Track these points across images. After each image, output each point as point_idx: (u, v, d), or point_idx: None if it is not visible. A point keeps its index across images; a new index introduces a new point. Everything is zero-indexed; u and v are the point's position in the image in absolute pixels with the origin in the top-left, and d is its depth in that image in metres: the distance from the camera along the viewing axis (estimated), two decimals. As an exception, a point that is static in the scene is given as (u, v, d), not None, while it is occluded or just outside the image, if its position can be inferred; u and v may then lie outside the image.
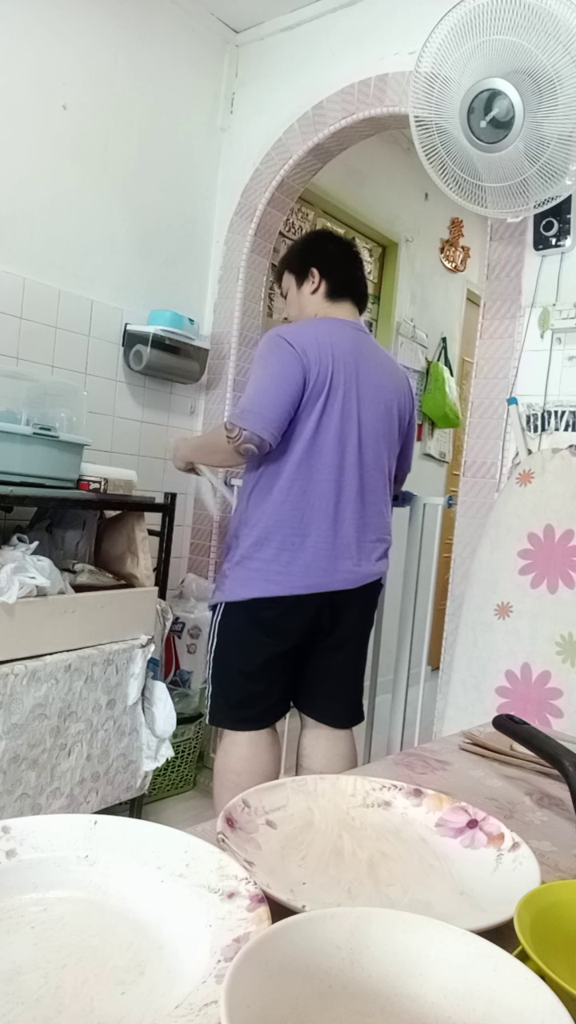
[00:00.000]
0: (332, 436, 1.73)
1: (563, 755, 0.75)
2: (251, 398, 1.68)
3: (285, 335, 1.71)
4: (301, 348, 1.69)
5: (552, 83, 1.69)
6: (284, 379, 1.67)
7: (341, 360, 1.73)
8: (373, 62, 2.37)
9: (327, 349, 1.71)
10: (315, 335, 1.73)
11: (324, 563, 1.73)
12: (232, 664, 1.81)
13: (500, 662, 1.92)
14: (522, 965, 0.39)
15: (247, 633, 1.79)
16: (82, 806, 1.90)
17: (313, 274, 1.85)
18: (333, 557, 1.74)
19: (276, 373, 1.68)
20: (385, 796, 0.70)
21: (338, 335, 1.76)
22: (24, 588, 1.70)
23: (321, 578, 1.74)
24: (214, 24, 2.71)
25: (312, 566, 1.73)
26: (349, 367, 1.74)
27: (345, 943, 0.42)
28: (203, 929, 0.48)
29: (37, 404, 2.01)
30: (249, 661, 1.80)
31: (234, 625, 1.80)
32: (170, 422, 2.76)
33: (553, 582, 1.87)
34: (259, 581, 1.73)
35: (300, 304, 1.88)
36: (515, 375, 2.10)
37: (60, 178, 2.30)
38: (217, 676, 1.84)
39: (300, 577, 1.72)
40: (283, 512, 1.72)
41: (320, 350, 1.70)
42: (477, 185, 1.86)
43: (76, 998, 0.42)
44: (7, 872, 0.52)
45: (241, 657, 1.80)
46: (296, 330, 1.74)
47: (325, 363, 1.70)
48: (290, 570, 1.72)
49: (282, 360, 1.68)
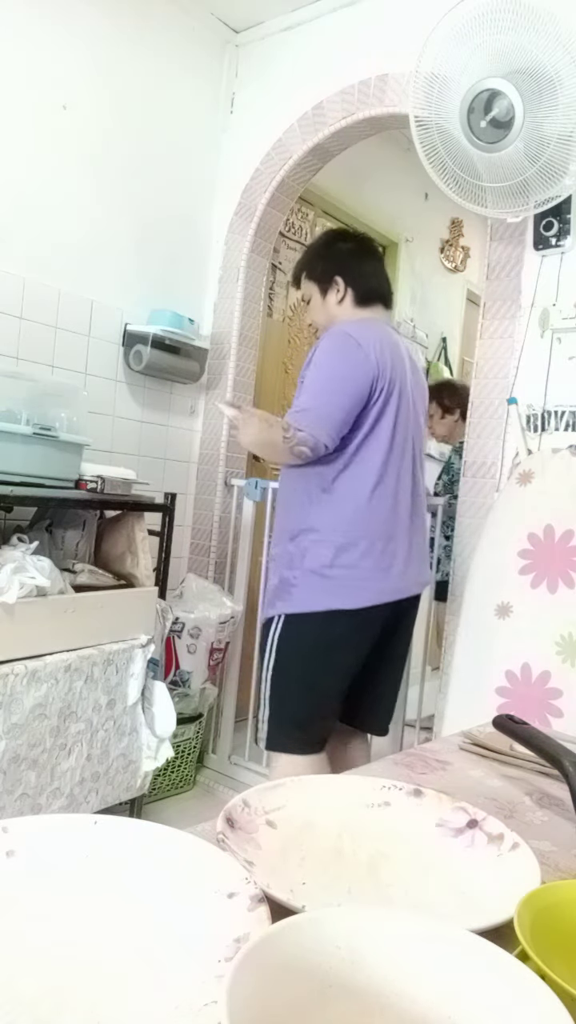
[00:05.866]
0: (400, 438, 1.66)
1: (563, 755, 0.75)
2: (312, 396, 1.58)
3: (353, 333, 1.62)
4: (368, 348, 1.60)
5: (552, 83, 1.69)
6: (350, 380, 1.58)
7: (399, 363, 1.68)
8: (373, 62, 2.37)
9: (388, 350, 1.65)
10: (378, 335, 1.65)
11: (404, 568, 1.66)
12: (300, 682, 1.65)
13: (500, 662, 1.92)
14: (522, 965, 0.39)
15: (321, 646, 1.64)
16: (82, 806, 1.90)
17: (337, 283, 1.75)
18: (409, 562, 1.68)
19: (342, 374, 1.59)
20: (385, 796, 0.70)
21: (388, 338, 1.69)
22: (24, 588, 1.70)
23: (401, 583, 1.66)
24: (214, 24, 2.71)
25: (397, 572, 1.64)
26: (403, 370, 1.69)
27: (345, 943, 0.42)
28: (203, 929, 0.48)
29: (37, 404, 2.01)
30: (321, 677, 1.65)
31: (303, 639, 1.64)
32: (170, 422, 2.76)
33: (553, 582, 1.87)
34: (341, 590, 1.60)
35: (328, 313, 1.78)
36: (515, 375, 2.10)
37: (60, 178, 2.30)
38: (279, 696, 1.67)
39: (387, 584, 1.63)
40: (367, 516, 1.62)
41: (382, 352, 1.63)
42: (477, 185, 1.86)
43: (76, 998, 0.42)
44: (7, 872, 0.52)
45: (312, 674, 1.64)
46: (362, 329, 1.64)
47: (388, 365, 1.63)
48: (377, 576, 1.62)
49: (348, 360, 1.59)
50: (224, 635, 2.54)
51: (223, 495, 2.77)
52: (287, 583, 1.66)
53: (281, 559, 1.69)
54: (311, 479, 1.66)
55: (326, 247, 1.82)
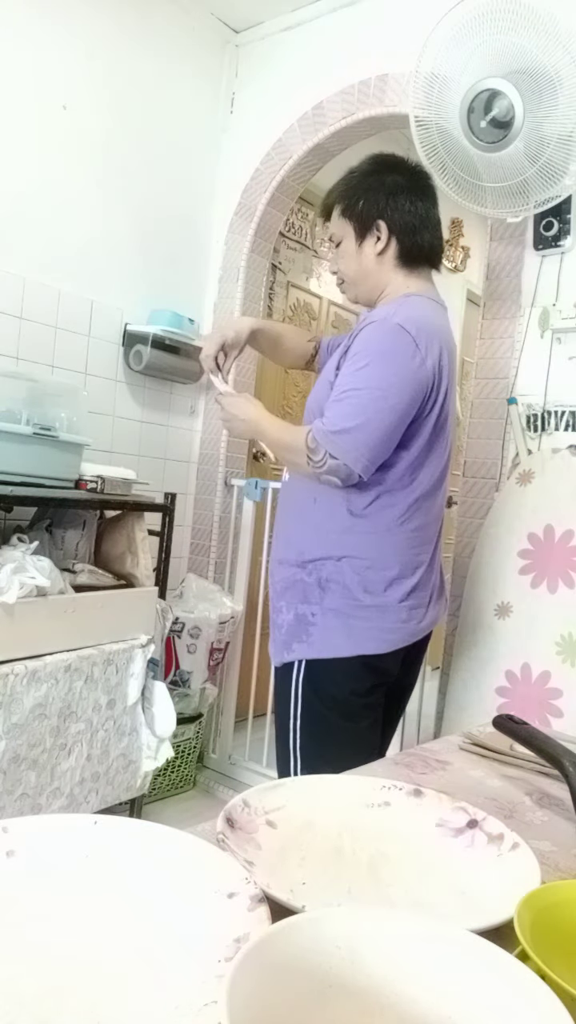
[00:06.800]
0: (446, 457, 1.43)
1: (563, 755, 0.76)
2: (354, 413, 1.27)
3: (411, 330, 1.29)
4: (426, 351, 1.30)
5: (552, 83, 1.69)
6: (403, 393, 1.28)
7: (452, 362, 1.40)
8: (373, 62, 2.37)
9: (446, 352, 1.36)
10: (437, 331, 1.35)
11: (435, 601, 1.46)
12: (334, 732, 1.40)
13: (500, 662, 1.92)
14: (522, 965, 0.39)
15: (358, 692, 1.40)
16: (82, 806, 1.90)
17: (379, 229, 1.39)
18: (439, 593, 1.49)
19: (393, 385, 1.27)
20: (385, 796, 0.70)
21: (446, 331, 1.39)
22: (24, 588, 1.70)
23: (430, 618, 1.44)
24: (214, 24, 2.71)
25: (428, 608, 1.43)
26: (453, 369, 1.41)
27: (345, 943, 0.42)
28: (203, 929, 0.48)
29: (37, 404, 2.01)
30: (356, 724, 1.41)
31: (336, 686, 1.38)
32: (170, 422, 2.76)
33: (553, 582, 1.87)
34: (370, 632, 1.36)
35: (362, 266, 1.43)
36: (515, 375, 2.10)
37: (60, 178, 2.30)
38: (316, 753, 1.40)
39: (420, 625, 1.42)
40: (404, 548, 1.38)
41: (441, 355, 1.34)
42: (477, 185, 1.86)
43: (76, 998, 0.42)
44: (7, 872, 0.52)
45: (346, 721, 1.40)
46: (420, 323, 1.31)
47: (446, 370, 1.36)
48: (411, 616, 1.39)
49: (403, 367, 1.28)
50: (224, 635, 2.54)
51: (223, 495, 2.77)
52: (304, 621, 1.39)
53: (294, 590, 1.41)
54: (336, 497, 1.37)
55: (372, 176, 1.42)
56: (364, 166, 1.45)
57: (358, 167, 1.45)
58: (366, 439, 1.27)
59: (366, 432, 1.27)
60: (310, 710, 1.40)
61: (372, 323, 1.32)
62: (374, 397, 1.27)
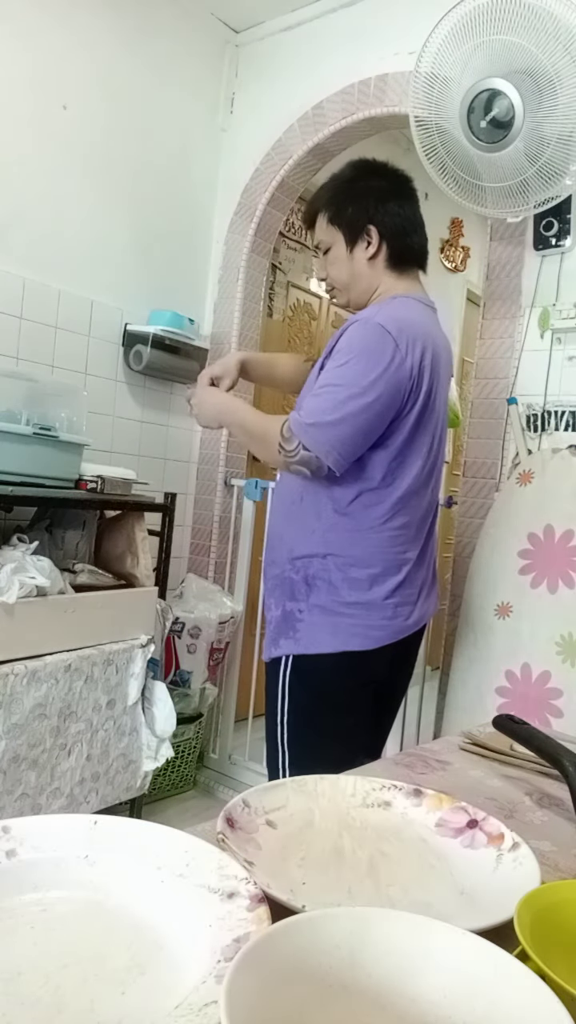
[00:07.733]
0: (431, 456, 1.43)
1: (563, 755, 0.76)
2: (330, 408, 1.29)
3: (391, 329, 1.30)
4: (407, 351, 1.31)
5: (552, 83, 1.69)
6: (379, 391, 1.29)
7: (438, 365, 1.39)
8: (373, 62, 2.37)
9: (429, 352, 1.35)
10: (420, 332, 1.35)
11: (425, 598, 1.46)
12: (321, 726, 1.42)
13: (500, 662, 1.92)
14: (522, 965, 0.39)
15: (343, 688, 1.41)
16: (82, 806, 1.90)
17: (370, 234, 1.40)
18: (429, 590, 1.48)
19: (371, 383, 1.28)
20: (385, 796, 0.70)
21: (430, 333, 1.39)
22: (24, 588, 1.70)
23: (418, 615, 1.44)
24: (214, 24, 2.71)
25: (416, 605, 1.43)
26: (440, 372, 1.41)
27: (345, 943, 0.42)
28: (203, 929, 0.48)
29: (37, 404, 2.01)
30: (343, 718, 1.42)
31: (321, 683, 1.40)
32: (170, 422, 2.76)
33: (553, 582, 1.87)
34: (355, 629, 1.37)
35: (354, 272, 1.43)
36: (515, 375, 2.10)
37: (60, 178, 2.30)
38: (303, 748, 1.43)
39: (407, 622, 1.42)
40: (388, 546, 1.38)
41: (423, 355, 1.34)
42: (477, 185, 1.86)
43: (76, 998, 0.42)
44: (7, 872, 0.52)
45: (332, 715, 1.41)
46: (401, 323, 1.32)
47: (428, 371, 1.35)
48: (397, 613, 1.40)
49: (381, 365, 1.29)
50: (224, 635, 2.54)
51: (223, 495, 2.78)
52: (291, 618, 1.41)
53: (282, 587, 1.44)
54: (320, 495, 1.38)
55: (357, 181, 1.43)
56: (346, 172, 1.46)
57: (340, 174, 1.47)
58: (339, 434, 1.29)
59: (340, 428, 1.29)
60: (297, 704, 1.42)
61: (356, 322, 1.35)
62: (351, 394, 1.29)
